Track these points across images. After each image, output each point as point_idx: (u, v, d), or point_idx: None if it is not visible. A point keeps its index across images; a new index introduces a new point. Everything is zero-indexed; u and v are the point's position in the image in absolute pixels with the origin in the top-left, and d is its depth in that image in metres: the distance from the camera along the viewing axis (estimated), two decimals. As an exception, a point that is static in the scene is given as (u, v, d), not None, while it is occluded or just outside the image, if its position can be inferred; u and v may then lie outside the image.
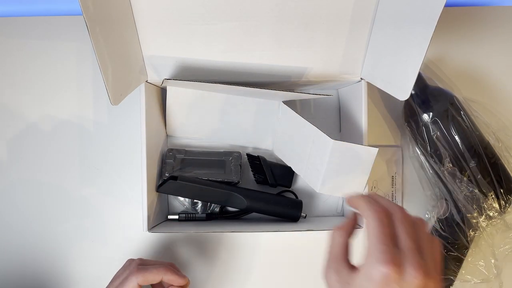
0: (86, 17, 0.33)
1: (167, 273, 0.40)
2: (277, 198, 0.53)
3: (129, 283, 0.38)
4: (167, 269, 0.40)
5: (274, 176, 0.53)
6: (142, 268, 0.40)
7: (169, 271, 0.40)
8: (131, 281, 0.38)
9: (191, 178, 0.50)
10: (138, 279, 0.38)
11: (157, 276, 0.39)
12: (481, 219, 0.49)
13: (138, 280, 0.38)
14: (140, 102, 0.47)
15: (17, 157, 0.56)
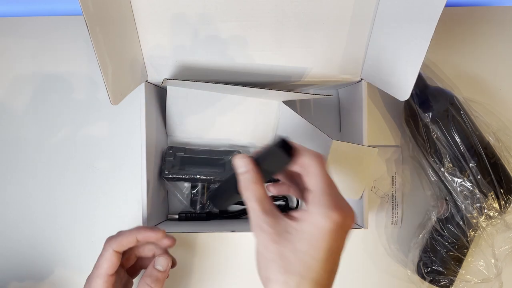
0: (86, 17, 0.33)
1: (140, 231, 0.38)
2: None
3: (105, 253, 0.38)
4: (139, 228, 0.39)
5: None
6: (113, 235, 0.39)
7: (141, 229, 0.39)
8: (106, 249, 0.38)
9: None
10: (113, 246, 0.37)
11: (131, 237, 0.38)
12: (481, 219, 0.49)
13: (112, 246, 0.37)
14: (140, 102, 0.47)
15: (17, 157, 0.56)
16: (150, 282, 0.37)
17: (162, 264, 0.39)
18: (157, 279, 0.38)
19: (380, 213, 0.57)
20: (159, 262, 0.39)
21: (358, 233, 0.57)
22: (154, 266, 0.39)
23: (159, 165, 0.52)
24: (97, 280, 0.37)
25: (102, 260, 0.38)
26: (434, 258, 0.52)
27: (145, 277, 0.38)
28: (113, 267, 0.38)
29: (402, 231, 0.57)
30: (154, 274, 0.38)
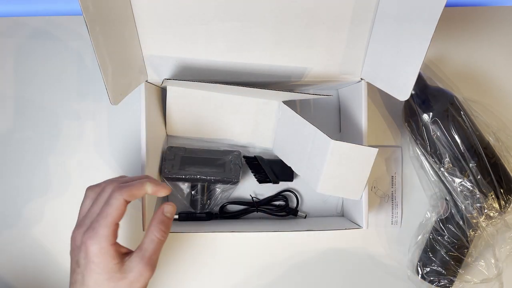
0: (86, 17, 0.33)
1: (151, 184, 0.39)
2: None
3: (114, 201, 0.36)
4: (150, 181, 0.39)
5: (274, 172, 0.54)
6: (124, 185, 0.38)
7: (152, 182, 0.39)
8: (116, 198, 0.36)
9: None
10: (123, 195, 0.36)
11: (142, 189, 0.38)
12: (481, 219, 0.49)
13: (123, 196, 0.36)
14: (140, 102, 0.47)
15: (17, 157, 0.56)
16: (164, 228, 0.39)
17: (170, 211, 0.40)
18: (167, 225, 0.39)
19: (380, 213, 0.57)
20: (167, 209, 0.40)
21: (358, 233, 0.57)
22: (163, 213, 0.40)
23: (159, 165, 0.52)
24: (105, 229, 0.36)
25: (112, 208, 0.36)
26: (434, 258, 0.52)
27: (157, 223, 0.39)
28: (121, 216, 0.37)
29: (402, 231, 0.57)
30: (165, 220, 0.39)
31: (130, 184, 0.38)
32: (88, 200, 0.39)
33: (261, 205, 0.55)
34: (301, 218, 0.56)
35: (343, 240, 0.56)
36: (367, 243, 0.57)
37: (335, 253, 0.57)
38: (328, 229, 0.50)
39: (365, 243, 0.57)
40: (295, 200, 0.56)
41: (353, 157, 0.45)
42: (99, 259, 0.35)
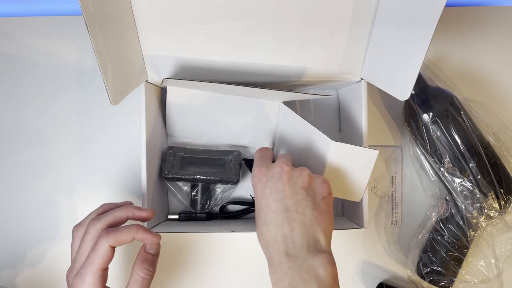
0: (86, 17, 0.33)
1: (139, 231, 0.37)
2: None
3: (100, 248, 0.36)
4: (138, 227, 0.38)
5: None
6: (111, 230, 0.37)
7: (140, 229, 0.38)
8: (102, 244, 0.36)
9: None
10: (109, 241, 0.36)
11: (129, 235, 0.37)
12: (481, 219, 0.49)
13: (109, 242, 0.36)
14: (140, 102, 0.47)
15: (17, 157, 0.56)
16: (148, 266, 0.38)
17: (153, 247, 0.40)
18: (152, 262, 0.39)
19: (380, 213, 0.57)
20: (150, 246, 0.39)
21: (358, 233, 0.57)
22: (146, 251, 0.39)
23: (159, 165, 0.52)
24: (92, 276, 0.36)
25: (97, 255, 0.36)
26: (434, 258, 0.52)
27: (140, 262, 0.38)
28: (108, 262, 0.37)
29: (402, 231, 0.57)
30: (148, 258, 0.39)
31: (117, 230, 0.37)
32: (76, 240, 0.39)
33: (261, 205, 0.55)
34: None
35: (343, 240, 0.56)
36: (367, 243, 0.57)
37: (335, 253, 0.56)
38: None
39: (365, 243, 0.57)
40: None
41: (354, 159, 0.45)
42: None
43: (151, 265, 0.38)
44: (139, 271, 0.38)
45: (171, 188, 0.54)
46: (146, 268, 0.38)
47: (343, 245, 0.57)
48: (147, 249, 0.39)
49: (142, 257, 0.39)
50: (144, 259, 0.38)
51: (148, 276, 0.38)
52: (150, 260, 0.39)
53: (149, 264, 0.38)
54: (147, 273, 0.38)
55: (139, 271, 0.38)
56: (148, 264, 0.38)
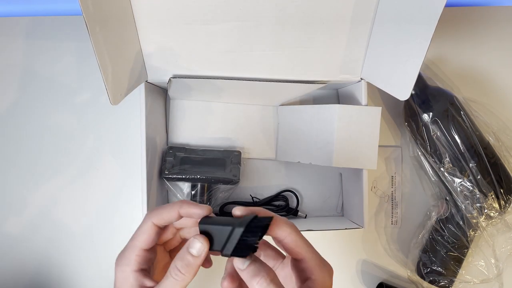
0: (86, 17, 0.33)
1: (183, 205, 0.33)
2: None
3: (143, 224, 0.34)
4: (183, 202, 0.34)
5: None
6: (155, 208, 0.35)
7: (185, 203, 0.33)
8: (145, 222, 0.34)
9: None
10: (152, 218, 0.33)
11: (173, 211, 0.33)
12: (481, 219, 0.49)
13: (152, 219, 0.33)
14: (140, 102, 0.47)
15: (17, 157, 0.56)
16: (181, 267, 0.31)
17: (196, 247, 0.31)
18: (188, 264, 0.32)
19: (380, 213, 0.57)
20: (193, 244, 0.32)
21: (357, 233, 0.57)
22: (187, 249, 0.32)
23: (159, 165, 0.52)
24: (130, 252, 0.33)
25: (139, 231, 0.33)
26: (434, 258, 0.52)
27: (176, 260, 0.32)
28: (150, 240, 0.33)
29: (401, 231, 0.57)
30: (186, 258, 0.32)
31: (160, 207, 0.34)
32: None
33: (261, 205, 0.55)
34: (301, 218, 0.56)
35: (343, 240, 0.56)
36: (367, 243, 0.57)
37: (335, 253, 0.57)
38: (328, 229, 0.50)
39: (365, 243, 0.57)
40: (295, 200, 0.56)
41: (360, 119, 0.46)
42: (119, 283, 0.33)
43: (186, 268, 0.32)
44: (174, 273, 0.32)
45: (171, 188, 0.54)
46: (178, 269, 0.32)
47: (343, 245, 0.57)
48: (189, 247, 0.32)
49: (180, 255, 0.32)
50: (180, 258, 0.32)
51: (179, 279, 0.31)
52: (186, 261, 0.32)
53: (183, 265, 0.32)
54: (179, 275, 0.31)
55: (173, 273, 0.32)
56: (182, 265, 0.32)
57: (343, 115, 0.45)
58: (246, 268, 0.30)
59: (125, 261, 0.33)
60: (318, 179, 0.57)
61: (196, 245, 0.32)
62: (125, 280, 0.32)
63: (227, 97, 0.54)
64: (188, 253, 0.32)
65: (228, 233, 0.30)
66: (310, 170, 0.57)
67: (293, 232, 0.32)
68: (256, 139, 0.56)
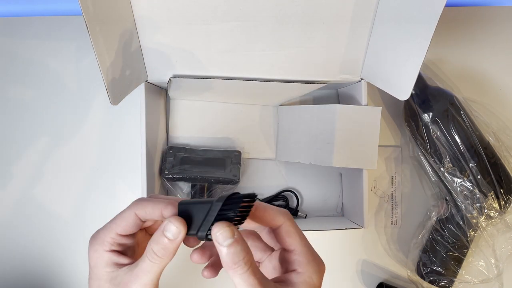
0: (86, 17, 0.33)
1: (168, 207, 0.31)
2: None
3: (125, 212, 0.32)
4: (169, 203, 0.32)
5: None
6: (143, 199, 0.33)
7: (170, 205, 0.32)
8: (128, 210, 0.32)
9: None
10: (135, 208, 0.32)
11: (156, 207, 0.32)
12: (481, 219, 0.49)
13: (135, 208, 0.32)
14: (140, 102, 0.47)
15: (17, 157, 0.56)
16: (157, 251, 0.30)
17: (172, 231, 0.30)
18: (165, 248, 0.30)
19: (380, 213, 0.57)
20: (169, 228, 0.30)
21: (357, 233, 0.57)
22: (163, 232, 0.30)
23: (159, 165, 0.52)
24: (106, 233, 0.32)
25: (119, 217, 0.32)
26: (434, 258, 0.52)
27: (151, 243, 0.30)
28: (127, 228, 0.32)
29: (401, 231, 0.57)
30: (162, 241, 0.30)
31: (147, 199, 0.33)
32: None
33: (261, 205, 0.55)
34: (301, 218, 0.56)
35: (343, 240, 0.56)
36: (367, 243, 0.57)
37: (335, 253, 0.57)
38: (328, 229, 0.50)
39: (365, 243, 0.57)
40: (295, 200, 0.56)
41: (360, 119, 0.46)
42: (93, 262, 0.33)
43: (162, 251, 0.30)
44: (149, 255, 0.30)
45: (171, 188, 0.54)
46: (154, 252, 0.30)
47: (343, 245, 0.57)
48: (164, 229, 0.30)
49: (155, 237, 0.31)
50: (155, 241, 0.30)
51: (156, 262, 0.30)
52: (162, 244, 0.30)
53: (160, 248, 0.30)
54: (155, 259, 0.30)
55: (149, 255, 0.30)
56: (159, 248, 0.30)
57: (343, 115, 0.45)
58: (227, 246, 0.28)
59: (98, 240, 0.32)
60: (318, 179, 0.57)
61: (171, 228, 0.30)
62: (98, 259, 0.32)
63: (227, 97, 0.54)
64: (163, 236, 0.30)
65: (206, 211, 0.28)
66: (310, 170, 0.57)
67: (288, 221, 0.31)
68: (256, 139, 0.56)
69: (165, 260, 0.31)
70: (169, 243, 0.30)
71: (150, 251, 0.30)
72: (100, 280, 0.32)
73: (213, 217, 0.28)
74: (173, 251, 0.31)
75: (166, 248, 0.30)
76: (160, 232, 0.30)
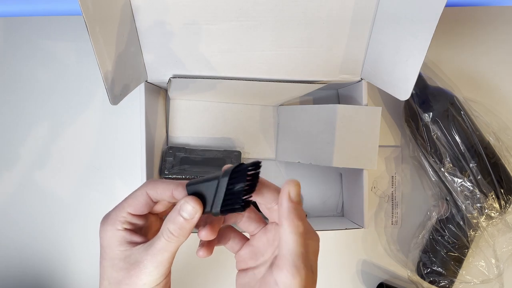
0: (86, 17, 0.33)
1: (179, 187, 0.32)
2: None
3: (137, 191, 0.33)
4: (180, 184, 0.33)
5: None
6: (154, 179, 0.34)
7: (181, 186, 0.33)
8: (140, 189, 0.33)
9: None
10: (148, 188, 0.33)
11: (168, 188, 0.32)
12: (482, 219, 0.49)
13: (147, 189, 0.33)
14: (140, 102, 0.47)
15: (17, 157, 0.56)
16: (173, 230, 0.30)
17: (188, 211, 0.30)
18: (181, 227, 0.31)
19: (380, 213, 0.57)
20: (185, 208, 0.31)
21: (357, 233, 0.57)
22: (179, 211, 0.31)
23: (159, 165, 0.52)
24: (117, 213, 0.32)
25: (131, 196, 0.33)
26: (434, 258, 0.52)
27: (167, 223, 0.31)
28: (139, 207, 0.33)
29: (402, 231, 0.57)
30: (178, 220, 0.31)
31: (158, 179, 0.34)
32: None
33: (261, 205, 0.55)
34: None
35: (343, 240, 0.56)
36: (367, 243, 0.57)
37: (335, 253, 0.57)
38: (328, 229, 0.50)
39: (365, 243, 0.57)
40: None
41: (360, 119, 0.46)
42: (105, 242, 0.32)
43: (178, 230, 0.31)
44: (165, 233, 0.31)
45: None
46: (170, 231, 0.31)
47: (343, 245, 0.57)
48: (180, 209, 0.31)
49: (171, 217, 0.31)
50: (171, 220, 0.31)
51: (172, 240, 0.31)
52: (178, 223, 0.31)
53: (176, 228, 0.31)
54: (171, 237, 0.30)
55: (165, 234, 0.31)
56: (175, 227, 0.31)
57: (343, 115, 0.45)
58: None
59: (110, 221, 0.32)
60: (318, 179, 0.57)
61: (187, 208, 0.31)
62: (111, 239, 0.32)
63: (227, 97, 0.54)
64: (179, 216, 0.31)
65: (215, 188, 0.29)
66: (310, 170, 0.57)
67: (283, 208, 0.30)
68: (256, 139, 0.56)
69: (181, 239, 0.31)
70: (185, 222, 0.31)
71: (166, 230, 0.31)
72: (113, 260, 0.31)
73: (223, 193, 0.28)
74: (189, 230, 0.31)
75: (182, 227, 0.31)
76: (176, 211, 0.31)
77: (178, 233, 0.31)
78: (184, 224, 0.31)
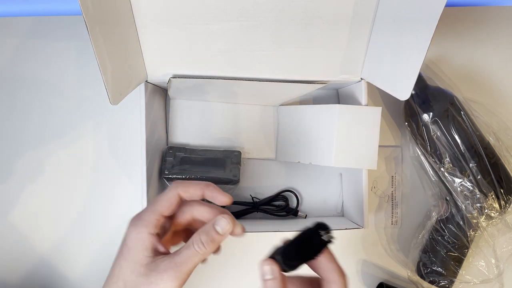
0: (86, 17, 0.33)
1: (209, 187, 0.35)
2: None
3: (168, 192, 0.35)
4: (209, 184, 0.36)
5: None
6: (181, 181, 0.36)
7: (211, 185, 0.35)
8: (171, 190, 0.35)
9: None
10: (179, 188, 0.35)
11: (198, 188, 0.35)
12: (482, 219, 0.49)
13: (178, 189, 0.35)
14: (140, 102, 0.47)
15: (17, 157, 0.56)
16: (205, 241, 0.33)
17: (222, 226, 0.33)
18: (212, 240, 0.33)
19: (380, 213, 0.57)
20: (220, 223, 0.33)
21: (357, 233, 0.57)
22: (213, 225, 0.33)
23: (159, 165, 0.52)
24: (150, 215, 0.33)
25: (163, 197, 0.34)
26: (434, 258, 0.52)
27: (201, 233, 0.33)
28: (171, 208, 0.34)
29: (402, 231, 0.57)
30: (211, 233, 0.33)
31: (188, 181, 0.36)
32: None
33: (261, 205, 0.55)
34: (301, 218, 0.56)
35: (343, 240, 0.56)
36: (367, 243, 0.57)
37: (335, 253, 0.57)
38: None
39: (365, 243, 0.57)
40: (295, 200, 0.56)
41: (360, 119, 0.46)
42: (133, 243, 0.32)
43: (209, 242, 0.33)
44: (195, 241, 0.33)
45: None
46: (202, 242, 0.33)
47: (343, 245, 0.57)
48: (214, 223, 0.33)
49: (205, 229, 0.33)
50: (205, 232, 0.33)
51: (201, 252, 0.32)
52: (211, 236, 0.33)
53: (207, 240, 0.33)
54: (201, 249, 0.32)
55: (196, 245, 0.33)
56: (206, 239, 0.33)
57: (343, 115, 0.45)
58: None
59: (143, 222, 0.33)
60: (318, 179, 0.57)
61: (223, 224, 0.33)
62: (140, 242, 0.32)
63: (227, 97, 0.54)
64: (213, 229, 0.33)
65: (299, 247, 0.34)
66: (310, 170, 0.57)
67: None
68: (256, 139, 0.56)
69: (208, 252, 0.33)
70: (217, 236, 0.33)
71: (197, 240, 0.33)
72: (135, 263, 0.32)
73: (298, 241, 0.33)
74: (218, 244, 0.34)
75: (214, 240, 0.33)
76: (211, 225, 0.34)
77: (208, 245, 0.33)
78: (216, 237, 0.33)
